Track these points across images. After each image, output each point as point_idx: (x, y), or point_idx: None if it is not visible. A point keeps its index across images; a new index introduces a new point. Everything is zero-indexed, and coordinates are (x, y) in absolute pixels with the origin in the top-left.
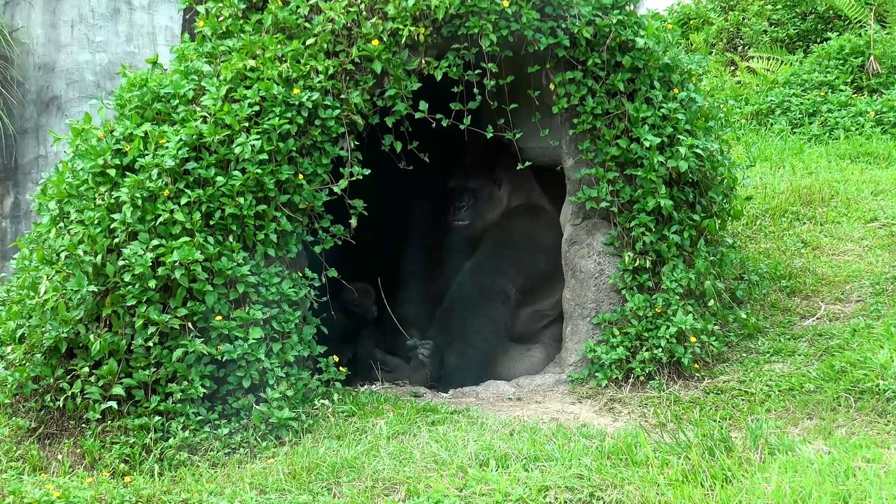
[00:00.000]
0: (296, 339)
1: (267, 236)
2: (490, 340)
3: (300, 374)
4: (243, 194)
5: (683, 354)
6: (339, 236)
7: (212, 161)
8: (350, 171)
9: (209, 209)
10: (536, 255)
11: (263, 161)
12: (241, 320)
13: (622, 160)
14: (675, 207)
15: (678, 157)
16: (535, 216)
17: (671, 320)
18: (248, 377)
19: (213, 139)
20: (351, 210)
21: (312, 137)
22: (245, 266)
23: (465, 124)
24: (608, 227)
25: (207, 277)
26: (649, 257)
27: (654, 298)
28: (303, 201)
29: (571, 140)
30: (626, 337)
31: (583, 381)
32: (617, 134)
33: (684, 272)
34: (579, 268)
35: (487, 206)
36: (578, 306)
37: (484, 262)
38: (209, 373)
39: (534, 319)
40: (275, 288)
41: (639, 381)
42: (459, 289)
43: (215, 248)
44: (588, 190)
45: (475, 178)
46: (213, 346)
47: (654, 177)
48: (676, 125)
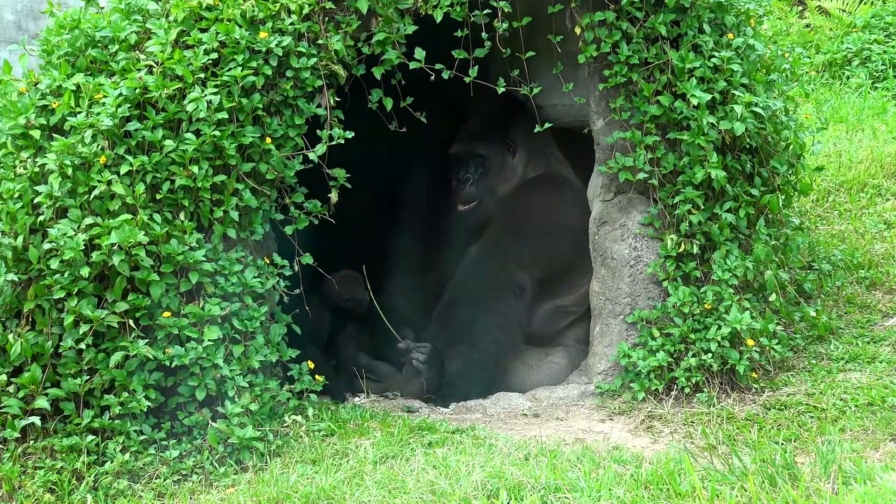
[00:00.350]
0: (261, 340)
1: (226, 213)
2: (500, 343)
3: (267, 383)
4: (198, 162)
5: (738, 361)
6: (316, 214)
7: (159, 121)
8: (329, 133)
9: (155, 180)
10: (558, 237)
11: (222, 121)
12: (194, 317)
13: (664, 121)
14: (729, 179)
15: (733, 118)
16: (557, 190)
17: (723, 319)
18: (202, 387)
19: (161, 94)
20: (330, 182)
21: (283, 92)
22: (199, 250)
23: (470, 76)
24: (646, 203)
25: (153, 264)
26: (697, 241)
27: (702, 292)
28: (271, 171)
29: (601, 96)
30: (668, 339)
31: (614, 394)
32: (658, 89)
33: (740, 259)
34: (611, 254)
35: (498, 178)
36: (609, 301)
37: (494, 247)
38: (155, 382)
39: (554, 317)
40: (236, 277)
41: (683, 394)
42: (463, 279)
43: (163, 229)
44: (622, 158)
45: (483, 144)
46: (160, 348)
47: (702, 142)
48: (731, 78)
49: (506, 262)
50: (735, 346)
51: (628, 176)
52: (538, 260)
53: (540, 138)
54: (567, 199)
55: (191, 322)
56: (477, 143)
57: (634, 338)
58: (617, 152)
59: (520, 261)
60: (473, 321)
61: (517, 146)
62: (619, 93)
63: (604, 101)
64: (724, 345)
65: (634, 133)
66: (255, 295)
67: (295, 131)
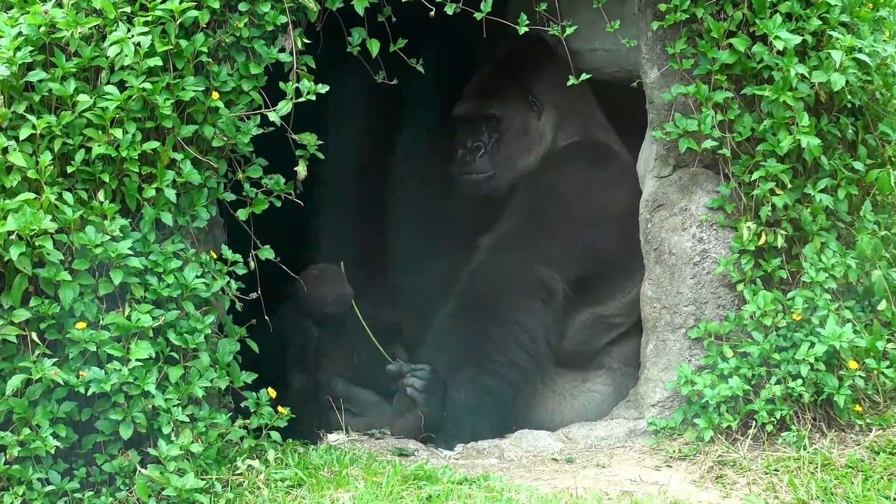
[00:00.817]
0: (206, 360)
1: (160, 192)
2: (522, 365)
3: (213, 417)
4: (122, 123)
5: (837, 390)
6: (279, 193)
7: (71, 69)
8: (295, 86)
9: (66, 148)
10: (598, 225)
11: (154, 70)
12: (117, 330)
13: (738, 72)
14: (825, 149)
15: (829, 68)
16: (597, 162)
17: (817, 334)
18: (128, 422)
19: (74, 34)
20: (297, 151)
21: (235, 32)
22: (124, 241)
23: (483, 12)
24: (715, 180)
25: (63, 259)
26: (782, 231)
27: (789, 298)
28: (218, 136)
29: (656, 38)
30: (745, 361)
31: (673, 432)
32: (730, 29)
33: (839, 255)
34: (668, 247)
35: (518, 146)
36: (667, 310)
37: (514, 238)
38: (66, 415)
39: (594, 331)
40: (172, 277)
41: (764, 433)
42: (474, 280)
43: (76, 212)
44: (683, 120)
45: (498, 101)
46: (73, 370)
47: (790, 99)
48: (827, 15)
49: (529, 256)
50: (833, 369)
51: (691, 144)
52: (572, 254)
53: (575, 95)
54: (610, 174)
55: (113, 336)
56: (490, 100)
57: (699, 358)
58: (676, 112)
59: (548, 255)
60: (486, 336)
61: (543, 104)
62: (679, 34)
63: (659, 45)
64: (818, 368)
65: (699, 87)
66: (199, 300)
67: (250, 84)
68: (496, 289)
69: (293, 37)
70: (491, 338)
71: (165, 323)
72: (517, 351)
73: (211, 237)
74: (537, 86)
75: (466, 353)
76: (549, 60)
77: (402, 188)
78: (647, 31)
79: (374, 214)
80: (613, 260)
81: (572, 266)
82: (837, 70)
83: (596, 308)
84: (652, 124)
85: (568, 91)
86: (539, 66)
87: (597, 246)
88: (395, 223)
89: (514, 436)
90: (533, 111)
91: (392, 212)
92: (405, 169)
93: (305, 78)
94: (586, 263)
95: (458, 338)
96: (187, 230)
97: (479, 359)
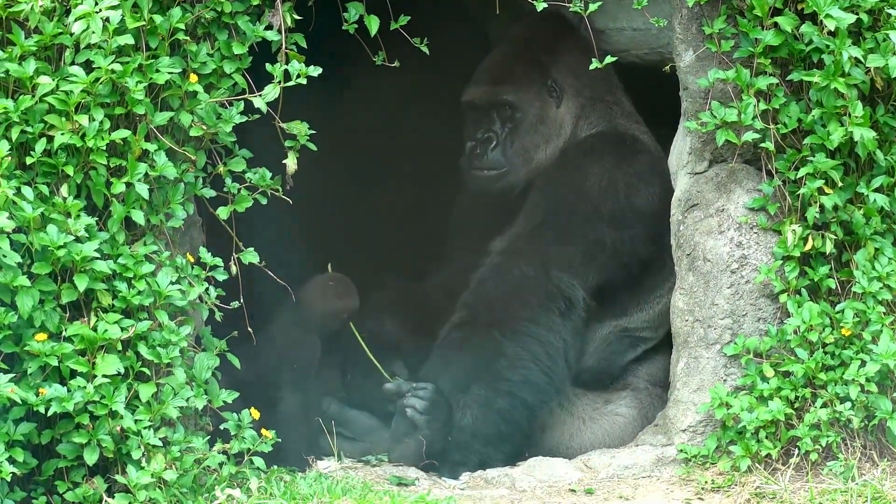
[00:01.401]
0: (182, 377)
1: (131, 187)
2: (537, 384)
3: (189, 440)
4: (88, 110)
5: (890, 414)
6: (264, 189)
7: (30, 48)
8: (284, 68)
9: (25, 136)
10: (625, 226)
11: (125, 49)
12: (81, 342)
13: (784, 55)
14: (881, 143)
15: (886, 51)
16: (624, 156)
17: (869, 351)
18: (93, 446)
19: (34, 7)
20: (287, 142)
21: (215, 6)
22: (90, 242)
23: None
24: (756, 177)
25: (21, 262)
26: (831, 234)
27: (838, 311)
28: (197, 125)
29: (691, 16)
30: (788, 381)
31: (706, 461)
32: (776, 6)
33: (895, 263)
34: (703, 252)
35: (535, 137)
36: (700, 323)
37: (529, 240)
38: (23, 437)
39: (618, 346)
40: (144, 283)
41: (808, 462)
42: (484, 288)
43: (35, 209)
44: (721, 109)
45: (512, 87)
46: (31, 387)
47: (842, 86)
48: None
49: (546, 262)
50: (886, 391)
51: (730, 136)
52: (595, 260)
53: (599, 80)
54: (638, 169)
55: (77, 349)
56: (503, 85)
57: (736, 378)
58: (714, 101)
59: (567, 261)
60: (498, 351)
61: (563, 90)
62: (717, 11)
63: (695, 24)
64: (869, 390)
65: (740, 72)
66: (173, 309)
67: (233, 65)
68: (509, 298)
69: (281, 12)
70: (503, 353)
71: (136, 335)
72: (532, 368)
73: (188, 238)
74: (556, 69)
75: (475, 371)
76: (570, 41)
77: (404, 185)
78: (681, 9)
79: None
80: (641, 266)
81: (594, 273)
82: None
83: (620, 320)
84: (686, 114)
85: (591, 76)
86: (559, 47)
87: (622, 250)
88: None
89: (527, 463)
90: (551, 98)
91: (393, 210)
92: (410, 164)
93: (296, 59)
94: (610, 270)
95: (465, 353)
96: (161, 230)
97: (489, 377)
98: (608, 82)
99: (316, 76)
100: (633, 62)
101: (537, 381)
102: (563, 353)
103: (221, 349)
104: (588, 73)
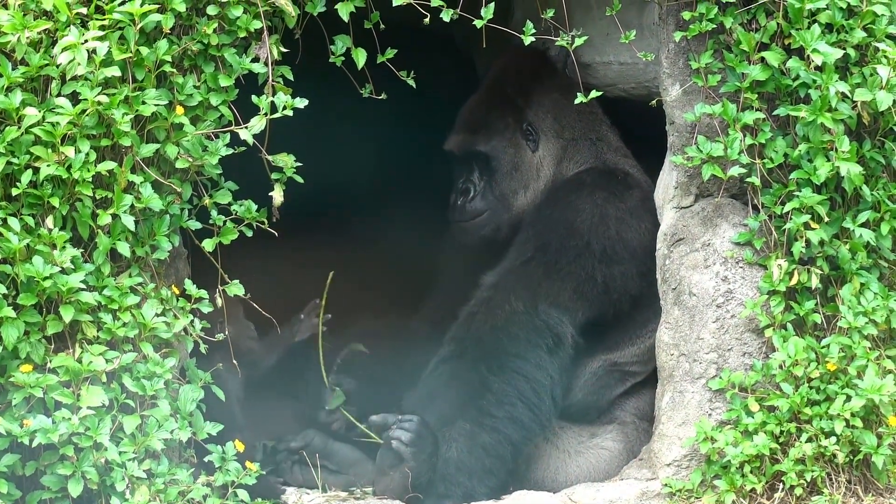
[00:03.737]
0: (166, 409)
1: (116, 219)
2: (522, 420)
3: (174, 472)
4: (74, 141)
5: (876, 449)
6: (250, 222)
7: (17, 79)
8: (271, 101)
9: (11, 168)
10: (616, 262)
11: (112, 81)
12: (66, 374)
13: (771, 90)
14: (867, 178)
15: (874, 86)
16: (614, 191)
17: (854, 386)
18: (77, 478)
19: (21, 38)
20: (273, 174)
21: (202, 38)
22: (75, 273)
23: (483, 19)
24: (743, 212)
25: (6, 293)
26: (817, 269)
27: (823, 345)
28: (183, 157)
29: (678, 51)
30: (773, 415)
31: (691, 495)
32: (763, 41)
33: (881, 298)
34: (688, 287)
35: (512, 183)
36: (685, 358)
37: (519, 275)
38: (7, 468)
39: (607, 381)
40: (129, 315)
41: (793, 496)
42: (472, 322)
43: (21, 240)
44: (707, 144)
45: (486, 135)
46: (16, 419)
47: (828, 121)
48: (872, 26)
49: (536, 297)
50: (871, 426)
51: (716, 171)
52: (585, 295)
53: (582, 118)
54: (629, 204)
55: (62, 381)
56: (477, 134)
57: (721, 412)
58: (700, 135)
59: (557, 296)
60: (484, 387)
61: (540, 134)
62: (704, 46)
63: (682, 59)
64: (854, 425)
65: (726, 106)
66: (158, 341)
67: (219, 97)
68: (497, 332)
69: (269, 45)
70: (489, 389)
71: (120, 366)
72: (518, 405)
73: (173, 270)
74: (533, 112)
75: (461, 406)
76: (548, 81)
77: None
78: (668, 43)
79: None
80: (631, 301)
81: (584, 308)
82: (884, 88)
83: (610, 355)
84: (672, 148)
85: (572, 115)
86: (536, 88)
87: (613, 286)
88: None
89: (512, 497)
90: (528, 142)
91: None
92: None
93: (282, 91)
94: (601, 306)
95: (452, 388)
96: (146, 262)
97: (474, 412)
98: (592, 119)
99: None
100: (621, 96)
101: (522, 418)
102: (549, 390)
103: (206, 381)
104: (569, 112)
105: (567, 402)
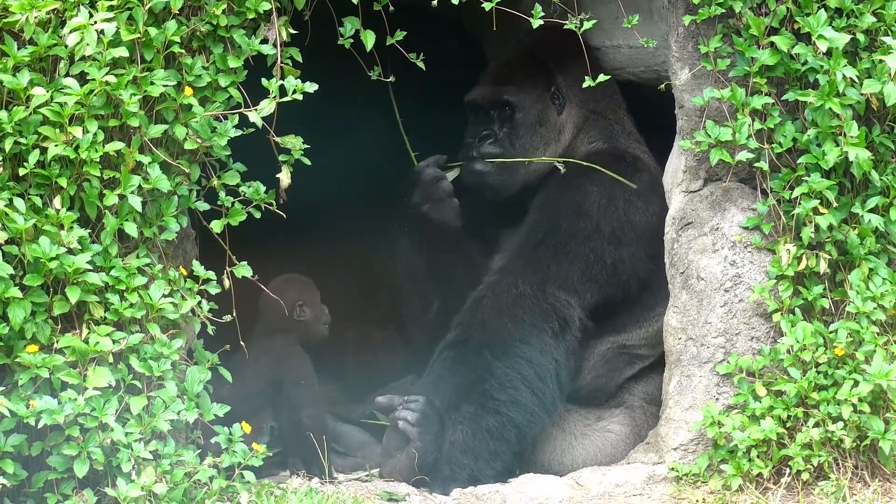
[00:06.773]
0: (173, 390)
1: (124, 200)
2: (527, 404)
3: (180, 454)
4: (82, 121)
5: (883, 435)
6: (259, 203)
7: (24, 59)
8: (279, 83)
9: (19, 148)
10: (624, 245)
11: (120, 61)
12: (73, 354)
13: (780, 74)
14: (876, 164)
15: (882, 75)
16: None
17: (862, 371)
18: (83, 458)
19: (28, 19)
20: (281, 157)
21: (211, 19)
22: (83, 254)
23: (492, 2)
24: (751, 197)
25: (13, 274)
26: (825, 254)
27: (832, 330)
28: (192, 138)
29: (688, 35)
30: (780, 400)
31: (697, 479)
32: (772, 25)
33: (889, 283)
34: (696, 271)
35: (534, 139)
36: (693, 342)
37: (528, 259)
38: (13, 449)
39: (615, 363)
40: (136, 296)
41: (799, 482)
42: (479, 306)
43: (28, 221)
44: (716, 128)
45: (513, 87)
46: (22, 399)
47: (837, 106)
48: (882, 11)
49: (544, 280)
50: (878, 411)
51: (724, 156)
52: (593, 278)
53: (604, 96)
54: (640, 188)
55: (68, 361)
56: (506, 85)
57: (729, 397)
58: (709, 119)
59: (565, 279)
60: (487, 372)
61: (567, 98)
62: (713, 30)
63: (691, 43)
64: (861, 410)
65: (735, 91)
66: (166, 322)
67: (228, 79)
68: (503, 317)
69: (277, 26)
70: (493, 374)
71: (127, 347)
72: (522, 389)
73: (181, 251)
74: (562, 78)
75: (466, 390)
76: (578, 55)
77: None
78: (677, 27)
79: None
80: (640, 284)
81: (593, 291)
82: (892, 79)
83: (619, 337)
84: (681, 132)
85: (596, 91)
86: (567, 57)
87: (622, 268)
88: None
89: (518, 480)
90: (554, 104)
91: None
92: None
93: (291, 73)
94: (609, 288)
95: (456, 373)
96: (154, 243)
97: (478, 397)
98: (612, 100)
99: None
100: (630, 79)
101: (526, 402)
102: (554, 374)
103: (213, 363)
104: (594, 88)
105: (576, 385)
